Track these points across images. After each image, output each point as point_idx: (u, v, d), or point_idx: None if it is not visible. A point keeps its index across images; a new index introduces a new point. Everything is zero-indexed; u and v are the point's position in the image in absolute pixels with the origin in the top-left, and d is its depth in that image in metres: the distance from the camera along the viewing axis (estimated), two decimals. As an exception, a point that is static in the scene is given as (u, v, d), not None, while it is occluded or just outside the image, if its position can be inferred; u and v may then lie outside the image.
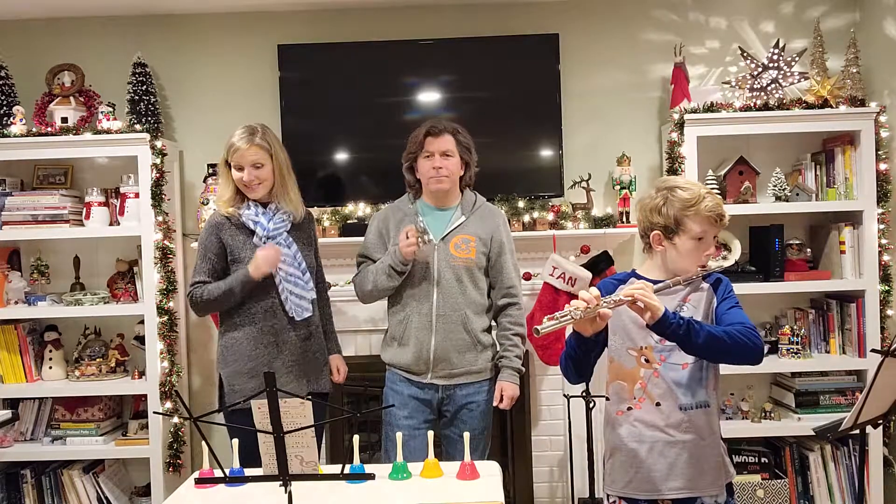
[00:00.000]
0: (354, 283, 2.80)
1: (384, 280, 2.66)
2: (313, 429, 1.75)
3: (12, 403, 3.45)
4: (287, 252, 2.63)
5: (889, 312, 3.32)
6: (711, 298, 2.01)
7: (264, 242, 2.60)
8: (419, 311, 2.68)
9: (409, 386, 2.71)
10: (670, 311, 1.85)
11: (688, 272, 1.99)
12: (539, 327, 1.78)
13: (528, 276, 3.39)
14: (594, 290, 1.85)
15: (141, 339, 3.47)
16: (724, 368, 3.42)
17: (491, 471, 2.17)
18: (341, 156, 3.56)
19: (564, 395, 3.22)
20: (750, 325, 1.91)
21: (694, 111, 3.30)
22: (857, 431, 2.29)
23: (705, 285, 2.03)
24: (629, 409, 2.01)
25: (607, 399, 2.10)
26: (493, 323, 2.82)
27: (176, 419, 3.39)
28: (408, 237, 2.57)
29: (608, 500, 2.08)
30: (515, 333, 2.75)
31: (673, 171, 3.30)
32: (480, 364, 2.72)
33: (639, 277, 2.01)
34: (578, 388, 3.09)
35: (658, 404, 1.98)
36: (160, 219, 3.33)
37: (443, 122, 2.73)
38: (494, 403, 2.74)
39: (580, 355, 1.96)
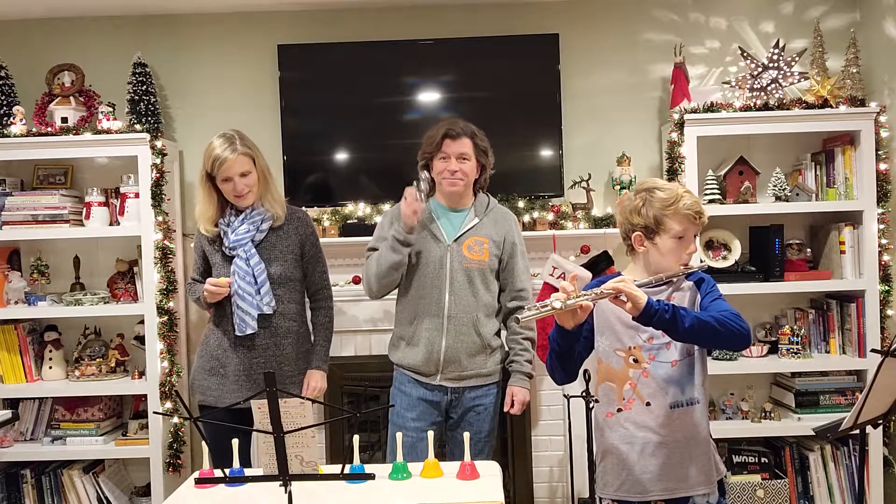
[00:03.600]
0: (363, 274, 2.75)
1: (388, 255, 2.57)
2: (313, 429, 1.76)
3: (12, 403, 3.45)
4: (243, 267, 2.62)
5: (889, 312, 3.32)
6: (695, 296, 2.02)
7: (229, 253, 2.65)
8: (430, 312, 2.65)
9: (418, 388, 2.68)
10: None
11: (670, 271, 2.00)
12: (520, 316, 1.80)
13: (528, 276, 3.40)
14: (566, 284, 1.84)
15: (141, 339, 3.47)
16: (725, 367, 3.41)
17: (491, 471, 2.17)
18: (341, 156, 3.56)
19: (564, 396, 3.21)
20: (735, 312, 1.92)
21: (694, 111, 3.29)
22: (857, 431, 2.29)
23: (688, 284, 2.04)
24: (619, 410, 2.02)
25: (596, 401, 2.10)
26: (501, 325, 2.81)
27: (176, 419, 3.39)
28: (408, 200, 2.51)
29: (601, 503, 2.08)
30: (526, 338, 2.73)
31: (673, 171, 3.30)
32: (490, 367, 2.71)
33: None
34: (578, 388, 3.09)
35: (648, 404, 1.99)
36: (160, 219, 3.33)
37: (460, 123, 2.67)
38: (505, 409, 2.72)
39: (564, 349, 1.96)
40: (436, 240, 2.68)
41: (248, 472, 2.08)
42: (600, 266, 3.28)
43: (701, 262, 3.28)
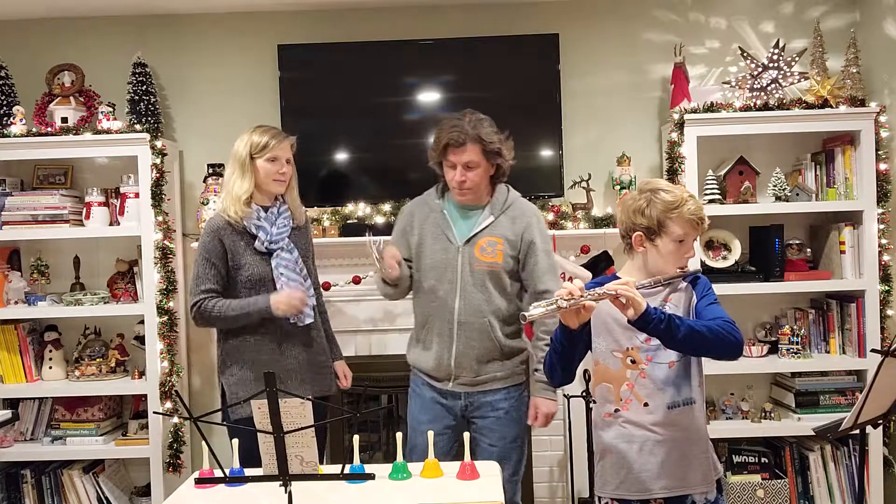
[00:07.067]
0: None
1: (381, 286, 2.61)
2: (313, 429, 1.76)
3: (12, 403, 3.45)
4: (289, 258, 2.62)
5: (889, 312, 3.32)
6: (691, 296, 2.03)
7: (266, 248, 2.57)
8: (441, 317, 2.52)
9: (432, 391, 2.59)
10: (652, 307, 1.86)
11: (667, 273, 2.01)
12: (526, 313, 1.81)
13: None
14: (577, 282, 1.86)
15: (141, 339, 3.47)
16: (725, 367, 3.42)
17: (491, 471, 2.17)
18: (341, 156, 3.56)
19: (564, 395, 3.22)
20: (729, 320, 1.92)
21: (694, 111, 3.29)
22: (857, 431, 2.29)
23: (684, 284, 2.05)
24: (616, 410, 2.03)
25: (594, 402, 2.10)
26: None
27: (176, 419, 3.39)
28: (385, 259, 2.47)
29: (600, 502, 2.09)
30: (548, 344, 2.50)
31: (673, 171, 3.30)
32: (506, 371, 2.55)
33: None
34: (578, 388, 3.09)
35: (646, 404, 1.99)
36: (160, 219, 3.33)
37: (466, 127, 2.45)
38: (529, 421, 2.56)
39: (566, 348, 1.96)
40: (447, 240, 2.54)
41: (248, 472, 2.08)
42: (600, 266, 3.28)
43: (702, 262, 3.29)
